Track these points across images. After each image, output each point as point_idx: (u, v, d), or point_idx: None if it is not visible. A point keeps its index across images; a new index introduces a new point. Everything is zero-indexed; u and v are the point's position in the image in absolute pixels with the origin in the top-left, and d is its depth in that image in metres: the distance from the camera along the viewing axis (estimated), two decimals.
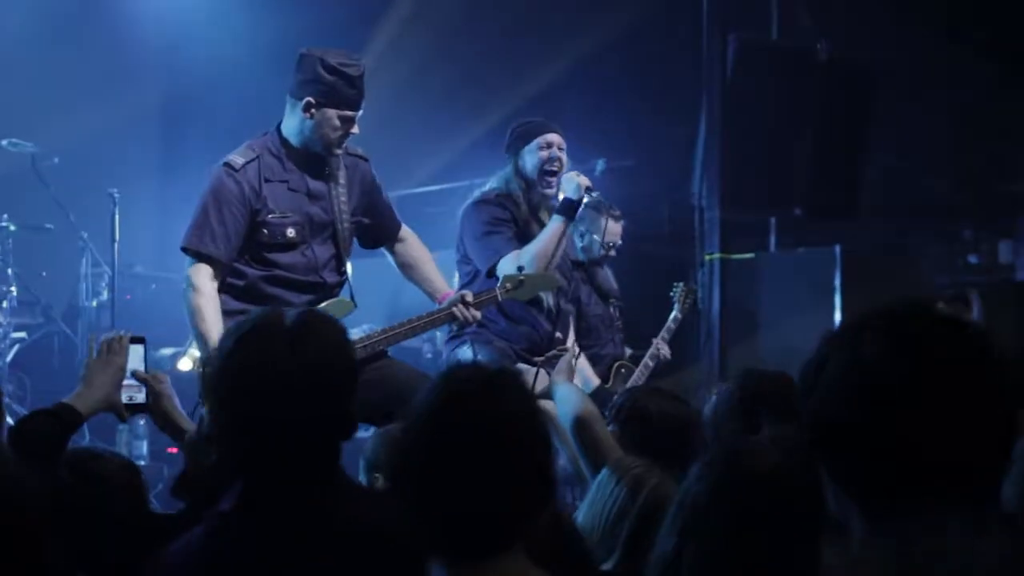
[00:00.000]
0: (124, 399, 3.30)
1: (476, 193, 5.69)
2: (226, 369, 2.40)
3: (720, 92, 7.25)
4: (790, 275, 7.34)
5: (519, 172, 5.63)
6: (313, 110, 4.88)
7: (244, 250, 4.89)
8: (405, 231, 5.31)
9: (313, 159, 4.97)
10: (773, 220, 7.99)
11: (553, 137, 5.62)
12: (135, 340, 3.35)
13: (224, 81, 8.11)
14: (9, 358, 7.65)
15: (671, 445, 3.47)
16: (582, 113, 7.49)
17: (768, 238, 8.02)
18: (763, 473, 2.36)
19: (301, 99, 4.89)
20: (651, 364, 6.53)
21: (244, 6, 8.52)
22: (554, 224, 5.42)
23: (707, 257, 7.28)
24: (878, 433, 1.74)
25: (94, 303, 8.17)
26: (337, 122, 4.89)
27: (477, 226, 5.55)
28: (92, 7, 9.18)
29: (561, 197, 5.47)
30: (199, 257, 4.83)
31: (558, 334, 5.64)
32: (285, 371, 2.36)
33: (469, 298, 5.05)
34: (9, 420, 7.05)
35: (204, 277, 4.81)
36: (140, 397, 3.33)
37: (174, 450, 7.66)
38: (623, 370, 6.47)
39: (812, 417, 1.82)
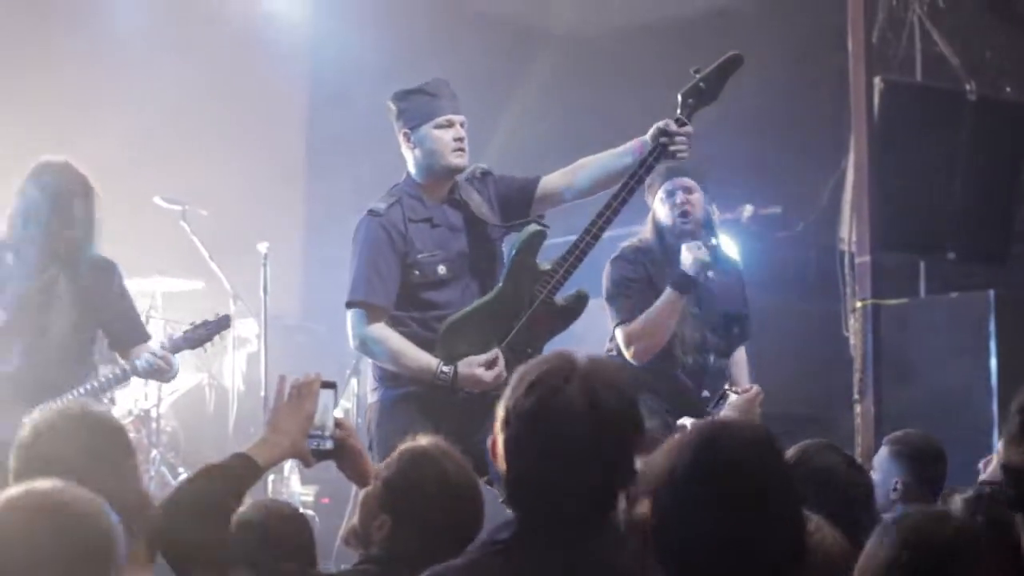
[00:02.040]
0: (312, 445, 3.11)
1: (619, 247, 5.62)
2: (519, 414, 2.43)
3: (868, 134, 7.14)
4: (944, 320, 7.17)
5: (654, 220, 5.57)
6: (412, 137, 4.90)
7: (401, 296, 4.89)
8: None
9: (447, 191, 4.97)
10: (922, 264, 7.85)
11: (676, 183, 5.45)
12: (325, 385, 3.14)
13: (369, 134, 8.20)
14: (164, 409, 7.78)
15: (836, 505, 3.39)
16: (728, 158, 7.43)
17: (917, 283, 7.87)
18: (945, 538, 2.29)
19: (402, 138, 4.93)
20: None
21: (388, 60, 8.63)
22: (667, 297, 5.29)
23: (859, 303, 7.14)
24: None
25: (245, 354, 8.28)
26: (436, 132, 4.85)
27: (608, 286, 5.49)
28: (242, 64, 9.36)
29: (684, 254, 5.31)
30: (365, 309, 4.84)
31: (705, 392, 5.50)
32: (580, 422, 2.38)
33: (673, 127, 4.74)
34: (164, 471, 7.21)
35: (380, 325, 4.82)
36: (328, 444, 3.15)
37: (326, 500, 7.74)
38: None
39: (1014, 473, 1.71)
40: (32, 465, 2.71)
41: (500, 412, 2.48)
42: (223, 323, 5.47)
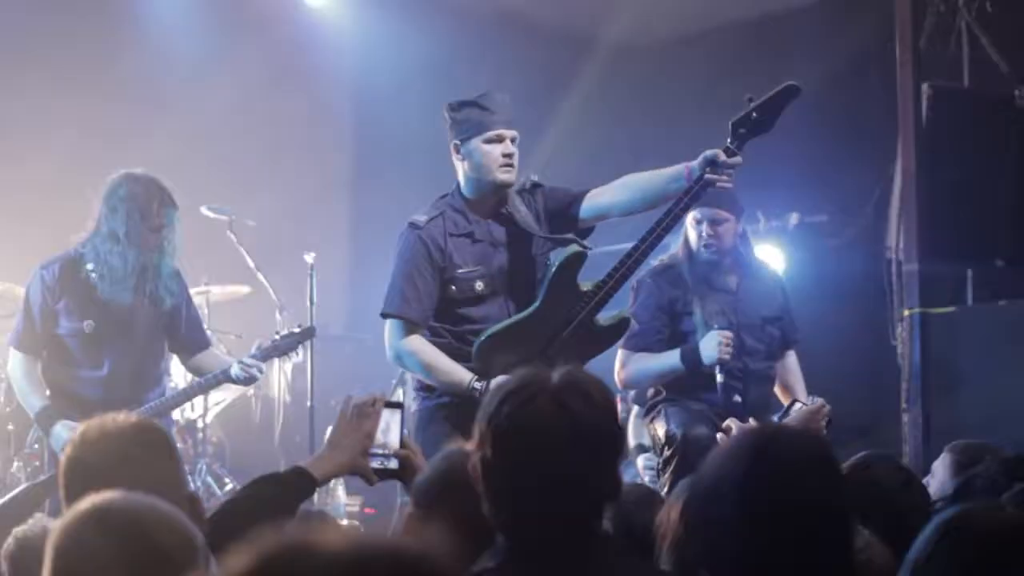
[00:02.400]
0: (375, 464, 3.11)
1: (652, 264, 5.59)
2: (492, 430, 2.38)
3: (915, 141, 7.09)
4: (992, 329, 7.10)
5: (686, 238, 5.56)
6: (461, 150, 4.88)
7: (438, 309, 4.90)
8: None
9: (494, 205, 4.95)
10: (970, 272, 7.78)
11: (706, 213, 5.43)
12: (391, 405, 3.13)
13: (416, 145, 8.23)
14: (210, 419, 7.81)
15: (892, 519, 3.35)
16: (774, 166, 7.40)
17: (965, 291, 7.81)
18: (995, 527, 2.24)
19: (452, 150, 4.92)
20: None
21: (435, 72, 8.64)
22: (670, 365, 5.38)
23: (906, 312, 7.08)
24: None
25: (291, 365, 8.29)
26: (485, 147, 4.84)
27: (635, 307, 5.51)
28: (289, 74, 9.40)
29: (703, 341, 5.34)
30: (400, 321, 4.86)
31: (737, 397, 5.48)
32: (552, 432, 2.33)
33: (723, 157, 4.66)
34: (210, 481, 7.22)
35: (415, 338, 4.84)
36: (392, 463, 3.14)
37: (371, 511, 7.75)
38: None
39: None
40: (78, 474, 2.72)
41: (475, 431, 2.42)
42: (308, 333, 5.74)
